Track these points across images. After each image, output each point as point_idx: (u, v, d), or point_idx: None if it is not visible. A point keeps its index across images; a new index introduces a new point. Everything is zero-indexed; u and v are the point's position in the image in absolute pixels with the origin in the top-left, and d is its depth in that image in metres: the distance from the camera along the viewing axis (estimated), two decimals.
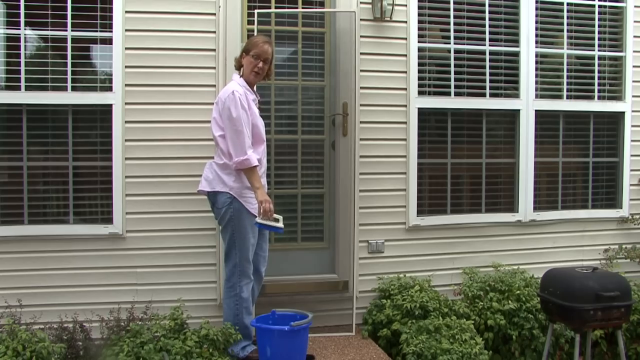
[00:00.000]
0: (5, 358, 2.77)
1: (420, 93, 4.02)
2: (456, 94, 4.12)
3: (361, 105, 3.87)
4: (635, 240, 4.44)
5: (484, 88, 4.18)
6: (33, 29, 3.52)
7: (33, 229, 3.50)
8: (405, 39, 3.96)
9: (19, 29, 3.47)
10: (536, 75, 4.26)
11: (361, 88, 3.87)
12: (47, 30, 3.50)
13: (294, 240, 3.92)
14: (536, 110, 4.26)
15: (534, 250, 4.28)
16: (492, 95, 4.20)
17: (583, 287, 3.07)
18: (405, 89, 3.97)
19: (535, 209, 4.30)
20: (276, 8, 3.80)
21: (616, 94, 4.48)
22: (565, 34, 4.33)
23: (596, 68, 4.41)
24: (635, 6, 4.40)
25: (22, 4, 3.45)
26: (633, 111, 4.46)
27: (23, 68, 3.48)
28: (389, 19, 3.89)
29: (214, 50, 3.63)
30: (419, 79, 4.00)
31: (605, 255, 4.38)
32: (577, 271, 3.22)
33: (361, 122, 3.87)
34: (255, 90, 3.26)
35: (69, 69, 3.52)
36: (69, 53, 3.51)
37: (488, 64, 4.17)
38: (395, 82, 3.95)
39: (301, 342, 3.14)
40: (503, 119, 4.27)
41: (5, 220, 3.50)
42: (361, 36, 3.86)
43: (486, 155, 4.21)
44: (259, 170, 3.10)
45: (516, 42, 4.21)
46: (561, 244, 4.34)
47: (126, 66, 3.54)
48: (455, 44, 4.10)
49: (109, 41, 3.54)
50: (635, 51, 4.42)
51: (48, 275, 3.51)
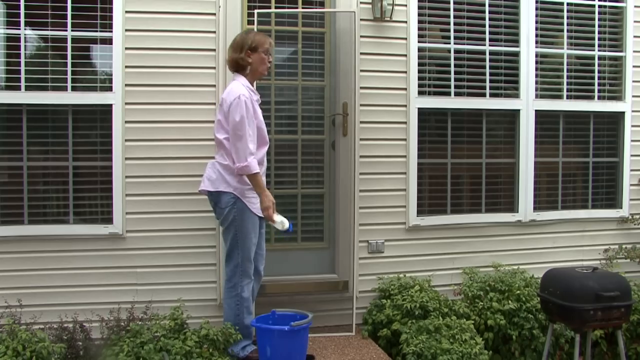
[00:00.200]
0: (5, 358, 2.77)
1: (420, 93, 4.02)
2: (456, 94, 4.12)
3: (361, 105, 3.87)
4: (635, 240, 4.44)
5: (484, 88, 4.18)
6: (33, 29, 3.52)
7: (33, 229, 3.50)
8: (405, 39, 3.96)
9: (19, 29, 3.47)
10: (536, 75, 4.26)
11: (361, 88, 3.87)
12: (47, 30, 3.50)
13: (294, 240, 3.92)
14: (536, 110, 4.26)
15: (534, 250, 4.28)
16: (492, 95, 4.20)
17: (583, 287, 3.07)
18: (405, 89, 3.97)
19: (535, 209, 4.30)
20: (276, 8, 3.80)
21: (616, 94, 4.48)
22: (565, 34, 4.33)
23: (596, 68, 4.41)
24: (635, 6, 4.40)
25: (22, 4, 3.45)
26: (633, 111, 4.46)
27: (23, 68, 3.48)
28: (389, 19, 3.89)
29: (214, 50, 3.63)
30: (419, 79, 4.00)
31: (605, 255, 4.38)
32: (577, 271, 3.22)
33: (361, 122, 3.87)
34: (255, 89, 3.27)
35: (69, 69, 3.52)
36: (69, 53, 3.51)
37: (488, 64, 4.17)
38: (395, 82, 3.96)
39: (301, 342, 3.14)
40: (503, 119, 4.27)
41: (5, 220, 3.50)
42: (361, 36, 3.86)
43: (486, 155, 4.21)
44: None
45: (516, 42, 4.21)
46: (561, 244, 4.34)
47: (126, 66, 3.54)
48: (455, 44, 4.10)
49: (109, 41, 3.54)
50: (635, 51, 4.42)
51: (48, 275, 3.51)
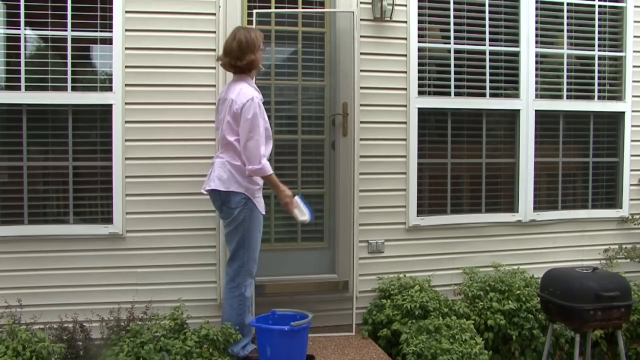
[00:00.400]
0: (5, 358, 2.77)
1: (420, 93, 4.02)
2: (456, 94, 4.12)
3: (361, 105, 3.87)
4: (635, 240, 4.44)
5: (484, 88, 4.18)
6: (33, 29, 3.52)
7: (33, 229, 3.50)
8: (405, 39, 3.96)
9: (19, 29, 3.47)
10: (536, 75, 4.26)
11: (361, 88, 3.87)
12: (47, 30, 3.50)
13: (294, 240, 3.92)
14: (536, 110, 4.26)
15: (534, 250, 4.28)
16: (492, 95, 4.20)
17: (583, 287, 3.07)
18: (405, 89, 3.97)
19: (535, 209, 4.30)
20: (276, 8, 3.80)
21: (616, 94, 4.48)
22: (565, 34, 4.33)
23: (596, 68, 4.41)
24: (635, 6, 4.40)
25: (22, 4, 3.45)
26: (633, 111, 4.46)
27: (23, 68, 3.48)
28: (389, 19, 3.89)
29: (214, 50, 3.63)
30: (419, 79, 4.00)
31: (605, 255, 4.37)
32: (577, 271, 3.22)
33: (361, 122, 3.87)
34: None
35: (69, 69, 3.52)
36: (69, 53, 3.51)
37: (488, 64, 4.17)
38: (395, 82, 3.95)
39: (301, 342, 3.14)
40: (503, 119, 4.27)
41: (5, 220, 3.50)
42: (361, 36, 3.86)
43: (486, 155, 4.21)
44: None
45: (516, 42, 4.21)
46: (561, 244, 4.34)
47: (126, 66, 3.54)
48: (455, 44, 4.09)
49: (109, 41, 3.54)
50: (635, 51, 4.42)
51: (48, 275, 3.51)
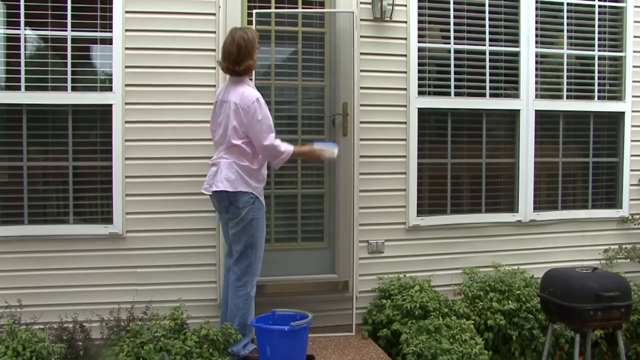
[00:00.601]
0: (5, 358, 2.77)
1: (420, 93, 4.02)
2: (456, 94, 4.12)
3: (361, 105, 3.87)
4: (635, 240, 4.44)
5: (484, 88, 4.18)
6: (33, 29, 3.52)
7: (33, 229, 3.50)
8: (405, 39, 3.96)
9: (19, 29, 3.47)
10: (536, 76, 4.26)
11: (361, 88, 3.87)
12: (47, 30, 3.50)
13: (294, 240, 3.92)
14: (536, 110, 4.26)
15: (534, 250, 4.28)
16: (492, 95, 4.20)
17: (583, 287, 3.07)
18: (405, 89, 3.97)
19: (535, 209, 4.29)
20: (276, 8, 3.80)
21: (616, 94, 4.48)
22: (565, 34, 4.33)
23: (596, 68, 4.41)
24: (635, 6, 4.40)
25: (22, 4, 3.45)
26: (633, 111, 4.46)
27: (23, 68, 3.48)
28: (388, 19, 3.89)
29: (214, 50, 3.63)
30: (419, 79, 4.00)
31: (605, 255, 4.37)
32: (577, 271, 3.22)
33: (361, 122, 3.87)
34: None
35: (69, 69, 3.52)
36: (69, 53, 3.51)
37: (488, 64, 4.17)
38: (395, 82, 3.95)
39: (301, 342, 3.14)
40: (503, 119, 4.27)
41: (5, 220, 3.50)
42: (361, 36, 3.86)
43: (486, 155, 4.21)
44: (263, 168, 3.19)
45: (516, 42, 4.21)
46: (561, 244, 4.34)
47: (126, 66, 3.54)
48: (455, 44, 4.09)
49: (109, 41, 3.54)
50: (635, 51, 4.42)
51: (48, 275, 3.51)
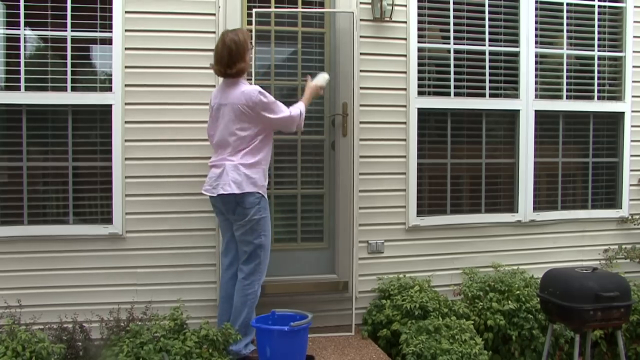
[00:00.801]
0: (5, 358, 2.77)
1: (420, 93, 4.01)
2: (456, 94, 4.12)
3: (361, 105, 3.87)
4: (635, 241, 4.44)
5: (484, 88, 4.18)
6: (33, 29, 3.52)
7: (33, 229, 3.50)
8: (405, 39, 3.96)
9: (19, 29, 3.47)
10: (536, 76, 4.26)
11: (361, 88, 3.87)
12: (47, 30, 3.50)
13: (294, 240, 3.92)
14: (536, 111, 4.26)
15: (533, 250, 4.28)
16: (492, 95, 4.20)
17: (583, 288, 3.07)
18: (405, 89, 3.97)
19: (535, 209, 4.29)
20: (276, 8, 3.80)
21: (616, 94, 4.48)
22: (565, 34, 4.33)
23: (596, 68, 4.41)
24: (635, 6, 4.40)
25: (22, 4, 3.45)
26: (633, 111, 4.45)
27: (23, 68, 3.48)
28: (388, 19, 3.89)
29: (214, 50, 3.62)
30: (419, 79, 4.00)
31: (605, 256, 4.37)
32: (577, 271, 3.22)
33: (361, 123, 3.87)
34: None
35: (69, 69, 3.52)
36: (69, 53, 3.51)
37: (488, 64, 4.17)
38: (395, 83, 3.95)
39: (301, 343, 3.14)
40: (503, 119, 4.27)
41: (5, 221, 3.50)
42: (361, 36, 3.86)
43: (486, 156, 4.21)
44: (265, 165, 3.19)
45: (516, 42, 4.21)
46: (561, 244, 4.34)
47: (126, 66, 3.54)
48: (455, 44, 4.09)
49: (108, 41, 3.54)
50: (635, 51, 4.42)
51: (48, 275, 3.51)
